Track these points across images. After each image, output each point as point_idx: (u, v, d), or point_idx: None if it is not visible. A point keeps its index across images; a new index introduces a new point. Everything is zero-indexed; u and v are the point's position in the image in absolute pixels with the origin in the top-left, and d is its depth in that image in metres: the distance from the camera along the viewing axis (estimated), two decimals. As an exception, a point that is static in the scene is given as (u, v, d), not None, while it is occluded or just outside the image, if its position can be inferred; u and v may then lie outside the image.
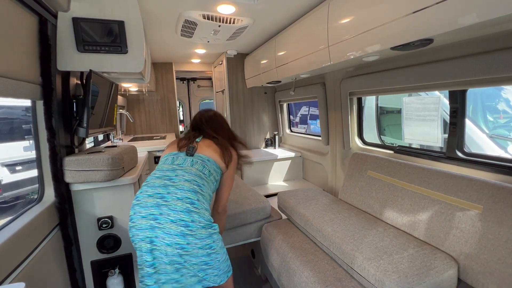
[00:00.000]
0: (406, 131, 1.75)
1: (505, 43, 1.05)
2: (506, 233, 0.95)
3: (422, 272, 0.98)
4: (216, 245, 1.07)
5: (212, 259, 1.06)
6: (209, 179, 1.19)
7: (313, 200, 1.70)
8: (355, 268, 1.10)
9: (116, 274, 1.43)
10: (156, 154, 2.38)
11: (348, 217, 1.45)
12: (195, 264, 1.04)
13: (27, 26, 1.08)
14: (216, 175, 1.24)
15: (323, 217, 1.46)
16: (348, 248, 1.16)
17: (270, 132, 3.36)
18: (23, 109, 2.59)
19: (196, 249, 1.01)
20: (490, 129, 2.39)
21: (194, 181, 1.11)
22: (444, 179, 1.23)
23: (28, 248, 1.00)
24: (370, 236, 1.24)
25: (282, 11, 1.84)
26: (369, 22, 1.22)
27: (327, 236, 1.30)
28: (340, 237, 1.25)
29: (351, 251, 1.13)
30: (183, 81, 5.05)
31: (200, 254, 1.03)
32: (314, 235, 1.41)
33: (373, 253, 1.09)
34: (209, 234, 1.05)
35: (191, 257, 1.02)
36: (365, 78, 1.78)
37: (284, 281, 1.35)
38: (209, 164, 1.21)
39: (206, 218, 1.06)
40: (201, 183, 1.13)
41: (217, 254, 1.08)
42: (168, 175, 1.12)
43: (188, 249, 1.00)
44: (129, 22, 1.37)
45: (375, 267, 1.01)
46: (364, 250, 1.11)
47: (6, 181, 2.65)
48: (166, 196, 1.04)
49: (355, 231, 1.28)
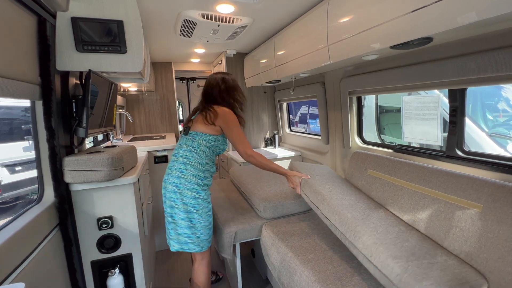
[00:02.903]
0: (406, 130, 1.75)
1: (504, 42, 1.05)
2: (506, 232, 0.95)
3: (455, 285, 0.88)
4: (200, 207, 1.43)
5: (195, 218, 1.43)
6: (198, 150, 1.45)
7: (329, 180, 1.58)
8: (375, 263, 1.00)
9: (116, 274, 1.43)
10: (156, 154, 2.38)
11: (368, 208, 1.33)
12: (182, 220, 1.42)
13: (26, 26, 1.08)
14: (206, 143, 1.46)
15: (340, 200, 1.35)
16: (370, 240, 1.06)
17: (269, 132, 3.36)
18: (22, 110, 2.59)
19: (181, 205, 1.41)
20: (489, 128, 2.39)
21: (184, 155, 1.45)
22: (443, 177, 1.23)
23: (28, 248, 1.00)
24: (394, 233, 1.13)
25: (282, 10, 1.84)
26: (369, 21, 1.22)
27: (346, 221, 1.17)
28: (362, 224, 1.14)
29: (374, 245, 1.03)
30: (182, 81, 5.04)
31: (184, 210, 1.41)
32: (329, 218, 1.29)
33: (399, 251, 1.00)
34: (193, 197, 1.42)
35: (179, 211, 1.41)
36: (365, 77, 1.78)
37: (284, 280, 1.35)
38: (197, 138, 1.46)
39: (192, 182, 1.42)
40: (190, 155, 1.45)
41: (199, 215, 1.43)
42: (174, 153, 1.51)
43: (178, 203, 1.41)
44: (128, 22, 1.36)
45: (402, 268, 0.91)
46: (390, 247, 1.02)
47: (6, 182, 2.65)
48: (171, 167, 1.47)
49: (378, 225, 1.17)
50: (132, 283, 1.55)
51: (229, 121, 1.45)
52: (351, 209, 1.27)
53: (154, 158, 2.37)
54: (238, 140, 1.45)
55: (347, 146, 2.11)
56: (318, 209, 1.39)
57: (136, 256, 1.52)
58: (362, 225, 1.15)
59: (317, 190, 1.43)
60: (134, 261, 1.53)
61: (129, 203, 1.47)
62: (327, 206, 1.33)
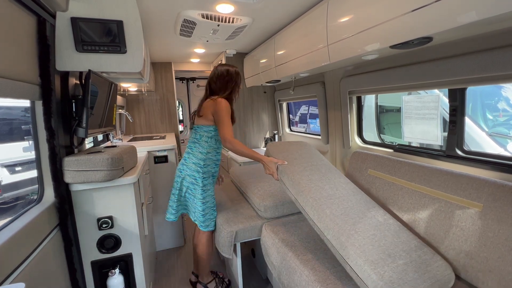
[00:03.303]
0: (406, 129, 1.75)
1: (504, 41, 1.05)
2: (506, 231, 0.95)
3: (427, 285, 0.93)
4: (196, 192, 1.64)
5: (193, 200, 1.66)
6: (200, 140, 1.65)
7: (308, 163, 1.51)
8: (353, 266, 1.01)
9: (117, 274, 1.43)
10: (156, 154, 2.37)
11: (347, 195, 1.30)
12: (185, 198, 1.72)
13: (26, 26, 1.08)
14: (207, 133, 1.63)
15: (320, 191, 1.29)
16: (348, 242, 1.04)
17: (269, 131, 3.36)
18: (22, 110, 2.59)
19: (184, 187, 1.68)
20: (489, 127, 2.39)
21: (189, 146, 1.69)
22: (444, 177, 1.23)
23: (28, 248, 1.00)
24: (371, 229, 1.11)
25: (281, 10, 1.84)
26: (368, 21, 1.22)
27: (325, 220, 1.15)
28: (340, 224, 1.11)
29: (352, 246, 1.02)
30: (182, 81, 5.04)
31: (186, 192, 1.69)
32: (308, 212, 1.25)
33: (376, 254, 1.00)
34: (191, 182, 1.64)
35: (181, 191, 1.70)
36: (365, 77, 1.78)
37: (284, 280, 1.35)
38: (198, 130, 1.66)
39: (191, 169, 1.64)
40: (193, 146, 1.67)
41: (198, 200, 1.64)
42: None
43: (184, 184, 1.67)
44: (128, 22, 1.36)
45: (379, 275, 0.92)
46: (367, 251, 1.01)
47: (6, 182, 2.65)
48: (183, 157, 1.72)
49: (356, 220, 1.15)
50: (132, 283, 1.55)
51: (219, 108, 1.54)
52: (330, 202, 1.24)
53: (154, 158, 2.37)
54: (222, 125, 1.52)
55: (347, 146, 2.11)
56: (297, 200, 1.35)
57: (136, 256, 1.53)
58: (340, 223, 1.12)
59: (294, 179, 1.37)
60: (134, 261, 1.53)
61: (129, 203, 1.47)
62: (304, 198, 1.28)
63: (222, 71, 1.67)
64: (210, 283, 1.84)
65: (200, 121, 1.64)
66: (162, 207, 2.44)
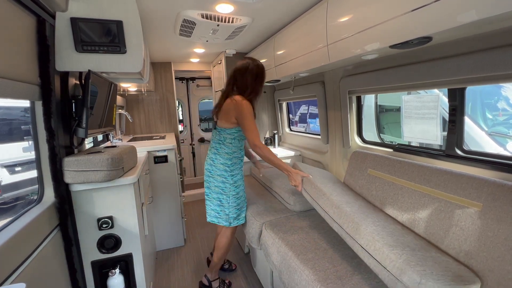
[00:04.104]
0: (406, 129, 1.75)
1: (503, 41, 1.05)
2: (506, 231, 0.95)
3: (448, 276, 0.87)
4: (228, 190, 1.68)
5: (223, 198, 1.69)
6: (225, 142, 1.67)
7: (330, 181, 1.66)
8: (370, 251, 1.01)
9: (117, 274, 1.43)
10: (156, 154, 2.37)
11: (366, 207, 1.38)
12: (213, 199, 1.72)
13: (25, 26, 1.08)
14: (231, 136, 1.65)
15: (340, 197, 1.40)
16: (367, 230, 1.07)
17: (269, 131, 3.36)
18: (22, 110, 2.59)
19: (213, 187, 1.70)
20: (489, 127, 2.39)
21: (215, 147, 1.71)
22: (443, 177, 1.24)
23: (28, 248, 1.00)
24: (390, 229, 1.15)
25: (281, 10, 1.84)
26: (368, 21, 1.22)
27: (345, 214, 1.21)
28: (360, 217, 1.17)
29: (370, 234, 1.04)
30: (182, 81, 5.04)
31: (215, 192, 1.70)
32: (328, 211, 1.33)
33: (395, 242, 1.00)
34: (221, 181, 1.68)
35: (212, 191, 1.72)
36: (364, 77, 1.78)
37: (284, 279, 1.35)
38: (222, 133, 1.67)
39: (220, 169, 1.68)
40: (218, 147, 1.69)
41: (227, 197, 1.69)
42: (210, 144, 1.77)
43: (210, 185, 1.71)
44: (127, 22, 1.36)
45: (397, 255, 0.92)
46: (386, 238, 1.03)
47: (6, 182, 2.65)
48: (208, 157, 1.76)
49: (376, 220, 1.20)
50: (133, 283, 1.55)
51: (241, 111, 1.54)
52: (350, 205, 1.30)
53: (154, 158, 2.37)
54: (249, 128, 1.54)
55: (347, 145, 2.11)
56: (318, 204, 1.42)
57: (137, 256, 1.53)
58: (360, 218, 1.17)
59: (318, 187, 1.46)
60: (134, 261, 1.53)
61: (129, 203, 1.47)
62: (326, 200, 1.36)
63: (252, 67, 1.62)
64: (214, 281, 1.88)
65: (222, 124, 1.65)
66: (162, 207, 2.44)
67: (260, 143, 1.53)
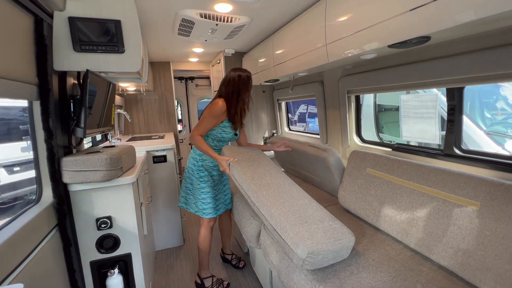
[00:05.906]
0: (404, 128, 1.75)
1: (502, 40, 1.05)
2: (503, 230, 0.96)
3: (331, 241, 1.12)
4: (194, 183, 1.84)
5: (190, 188, 1.88)
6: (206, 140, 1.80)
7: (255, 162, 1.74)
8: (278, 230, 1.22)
9: (116, 274, 1.43)
10: (155, 154, 2.37)
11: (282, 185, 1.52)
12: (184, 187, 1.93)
13: (23, 26, 1.08)
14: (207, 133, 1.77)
15: (261, 179, 1.53)
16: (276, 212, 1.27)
17: (268, 131, 3.36)
18: (20, 110, 2.58)
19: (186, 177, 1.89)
20: (487, 126, 2.40)
21: None
22: (441, 176, 1.24)
23: (27, 249, 1.00)
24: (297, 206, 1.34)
25: (280, 9, 1.84)
26: (367, 20, 1.22)
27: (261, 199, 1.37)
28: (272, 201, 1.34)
29: (279, 216, 1.24)
30: (181, 80, 5.03)
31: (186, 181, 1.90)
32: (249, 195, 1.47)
33: (296, 220, 1.22)
34: (190, 174, 1.86)
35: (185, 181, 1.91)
36: (363, 76, 1.78)
37: (283, 278, 1.35)
38: None
39: (191, 162, 1.86)
40: None
41: (194, 188, 1.85)
42: None
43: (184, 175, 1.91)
44: (125, 21, 1.36)
45: (295, 232, 1.14)
46: (290, 217, 1.23)
47: (4, 182, 2.64)
48: None
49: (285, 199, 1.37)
50: (132, 283, 1.55)
51: (208, 108, 1.73)
52: (267, 188, 1.46)
53: (153, 158, 2.37)
54: (200, 122, 1.72)
55: (345, 144, 2.12)
56: (242, 188, 1.55)
57: (136, 256, 1.53)
58: (273, 201, 1.35)
59: (241, 171, 1.58)
60: (133, 261, 1.53)
61: (128, 203, 1.47)
62: (248, 185, 1.49)
63: (234, 77, 1.74)
64: (206, 279, 1.91)
65: None
66: (161, 207, 2.44)
67: (198, 135, 1.70)
